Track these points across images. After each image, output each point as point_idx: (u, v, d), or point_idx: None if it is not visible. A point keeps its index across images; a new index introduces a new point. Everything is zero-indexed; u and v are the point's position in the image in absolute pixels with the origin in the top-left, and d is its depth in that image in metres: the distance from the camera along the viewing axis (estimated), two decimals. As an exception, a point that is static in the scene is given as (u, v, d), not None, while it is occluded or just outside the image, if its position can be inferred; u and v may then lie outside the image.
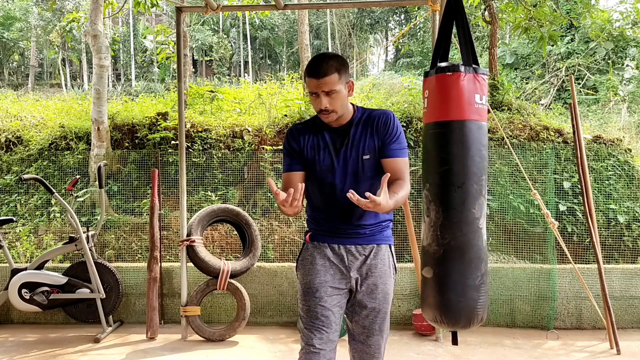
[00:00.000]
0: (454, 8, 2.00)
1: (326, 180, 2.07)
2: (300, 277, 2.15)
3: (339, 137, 2.09)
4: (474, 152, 1.88)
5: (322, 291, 2.06)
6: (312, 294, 2.07)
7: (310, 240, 2.15)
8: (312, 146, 2.10)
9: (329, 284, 2.07)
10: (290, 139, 2.14)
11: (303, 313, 2.09)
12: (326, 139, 2.09)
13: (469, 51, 1.93)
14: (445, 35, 2.04)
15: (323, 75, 1.97)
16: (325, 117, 2.03)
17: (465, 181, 1.88)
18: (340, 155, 2.06)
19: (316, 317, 2.05)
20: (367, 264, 2.07)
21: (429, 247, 1.97)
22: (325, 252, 2.09)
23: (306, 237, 2.17)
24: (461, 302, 1.91)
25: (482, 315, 1.94)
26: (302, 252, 2.17)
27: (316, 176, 2.09)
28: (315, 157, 2.09)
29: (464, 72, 1.87)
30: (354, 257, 2.07)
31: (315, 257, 2.10)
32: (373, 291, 2.07)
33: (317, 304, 2.05)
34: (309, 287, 2.08)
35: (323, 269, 2.08)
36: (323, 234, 2.11)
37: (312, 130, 2.13)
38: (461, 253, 1.90)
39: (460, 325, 1.94)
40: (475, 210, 1.90)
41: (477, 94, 1.88)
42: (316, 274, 2.08)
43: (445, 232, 1.90)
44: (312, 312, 2.05)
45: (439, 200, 1.92)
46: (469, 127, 1.87)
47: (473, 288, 1.91)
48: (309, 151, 2.09)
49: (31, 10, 26.35)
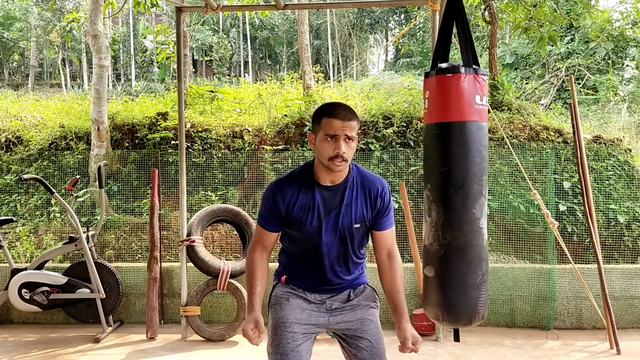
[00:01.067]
0: (454, 8, 2.00)
1: (311, 241, 1.98)
2: (272, 313, 2.02)
3: (330, 199, 1.97)
4: (474, 153, 1.89)
5: (297, 327, 1.97)
6: (284, 328, 1.95)
7: (286, 283, 2.06)
8: (300, 206, 1.96)
9: (304, 321, 1.98)
10: (276, 195, 1.97)
11: (272, 349, 1.96)
12: (316, 198, 1.96)
13: (469, 52, 1.93)
14: (445, 36, 2.04)
15: (349, 119, 1.88)
16: (339, 164, 1.88)
17: (466, 182, 1.89)
18: (330, 219, 1.96)
19: (286, 353, 1.93)
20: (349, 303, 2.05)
21: (430, 247, 1.98)
22: (298, 294, 2.03)
23: (282, 279, 2.07)
24: (462, 300, 1.92)
25: (483, 313, 1.96)
26: (275, 290, 2.08)
27: (301, 235, 1.99)
28: (302, 218, 1.96)
29: (464, 73, 1.87)
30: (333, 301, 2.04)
31: (291, 296, 2.03)
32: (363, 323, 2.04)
33: (289, 340, 1.94)
34: (282, 321, 1.97)
35: (299, 307, 2.00)
36: (298, 284, 2.04)
37: (302, 186, 1.97)
38: (462, 252, 1.91)
39: (462, 323, 1.95)
40: (475, 210, 1.90)
41: (478, 94, 1.89)
42: (291, 310, 1.99)
43: (447, 232, 1.91)
44: (282, 348, 1.93)
45: (440, 201, 1.92)
46: (470, 128, 1.88)
47: (474, 287, 1.92)
48: (297, 211, 1.95)
49: (31, 10, 26.35)
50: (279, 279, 2.09)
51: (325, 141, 1.88)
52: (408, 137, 5.44)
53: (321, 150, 1.91)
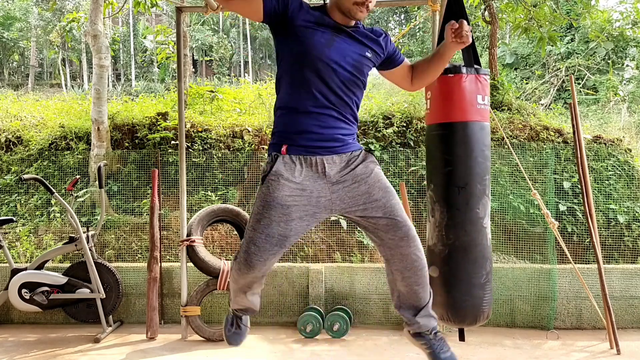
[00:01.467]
0: (454, 8, 2.00)
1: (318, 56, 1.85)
2: (266, 189, 1.87)
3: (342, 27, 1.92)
4: (477, 153, 1.89)
5: (294, 211, 1.85)
6: (279, 210, 1.83)
7: (287, 153, 1.90)
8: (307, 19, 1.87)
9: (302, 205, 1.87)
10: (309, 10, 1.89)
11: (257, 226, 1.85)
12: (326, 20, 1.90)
13: (470, 52, 1.93)
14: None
15: None
16: (362, 12, 1.85)
17: (469, 181, 1.89)
18: (341, 38, 1.89)
19: (272, 234, 1.83)
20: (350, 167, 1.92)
21: (434, 247, 1.98)
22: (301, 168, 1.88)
23: (282, 149, 1.90)
24: (467, 300, 1.92)
25: (488, 312, 1.96)
26: (275, 164, 1.89)
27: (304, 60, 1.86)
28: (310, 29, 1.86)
29: (465, 74, 1.88)
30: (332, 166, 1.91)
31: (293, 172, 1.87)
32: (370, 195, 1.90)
33: (284, 222, 1.83)
34: (280, 201, 1.84)
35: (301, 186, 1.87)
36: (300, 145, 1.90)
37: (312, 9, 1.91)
38: (466, 252, 1.91)
39: (467, 323, 1.96)
40: (479, 210, 1.91)
41: (479, 94, 1.89)
42: (291, 190, 1.85)
43: (450, 232, 1.92)
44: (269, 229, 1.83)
45: (444, 201, 1.93)
46: (472, 128, 1.88)
47: (478, 286, 1.92)
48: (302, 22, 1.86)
49: (31, 10, 26.34)
50: (279, 149, 1.92)
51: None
52: (408, 137, 5.44)
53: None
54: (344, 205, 1.91)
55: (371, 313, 4.34)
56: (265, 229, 1.84)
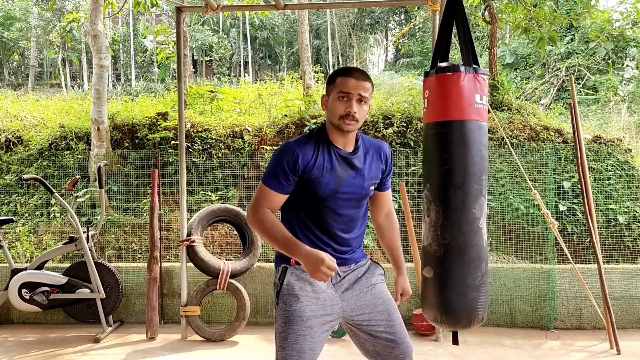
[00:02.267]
0: (454, 8, 2.00)
1: (325, 203, 1.93)
2: (285, 304, 1.91)
3: (347, 161, 1.96)
4: (474, 152, 1.88)
5: (314, 321, 1.89)
6: (301, 323, 1.87)
7: (297, 264, 1.92)
8: (319, 167, 1.90)
9: (320, 313, 1.91)
10: (297, 154, 1.89)
11: (286, 345, 1.87)
12: (334, 160, 1.93)
13: (469, 51, 1.93)
14: (445, 35, 2.04)
15: (364, 80, 1.91)
16: (349, 124, 1.88)
17: (466, 181, 1.88)
18: (347, 181, 1.94)
19: (302, 349, 1.86)
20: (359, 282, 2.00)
21: (429, 247, 1.97)
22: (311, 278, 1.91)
23: (291, 261, 1.94)
24: (462, 302, 1.90)
25: (483, 315, 1.94)
26: (286, 276, 1.94)
27: (314, 198, 1.93)
28: (319, 179, 1.90)
29: (464, 72, 1.87)
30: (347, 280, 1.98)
31: (305, 283, 1.92)
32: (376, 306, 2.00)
33: (307, 335, 1.87)
34: (299, 315, 1.88)
35: (315, 295, 1.91)
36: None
37: (320, 147, 1.94)
38: (461, 253, 1.89)
39: (461, 325, 1.93)
40: (475, 210, 1.89)
41: (478, 94, 1.88)
42: (307, 302, 1.90)
43: (446, 232, 1.90)
44: (299, 345, 1.86)
45: (439, 200, 1.91)
46: (469, 127, 1.87)
47: (473, 288, 1.90)
48: (315, 171, 1.90)
49: (31, 10, 26.35)
50: (288, 262, 1.95)
51: (338, 100, 1.90)
52: (408, 137, 5.44)
53: (333, 109, 1.91)
54: (352, 314, 1.99)
55: (371, 313, 4.33)
56: (294, 345, 1.88)
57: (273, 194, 1.91)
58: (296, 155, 1.89)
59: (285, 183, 1.90)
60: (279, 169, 1.90)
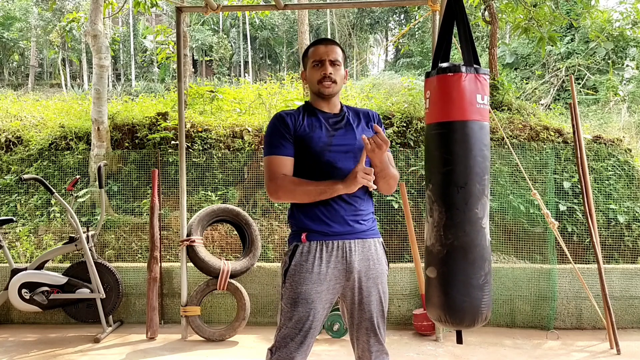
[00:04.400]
0: (454, 8, 2.00)
1: (322, 159, 1.97)
2: (292, 284, 1.96)
3: (334, 121, 2.05)
4: (476, 152, 1.88)
5: (317, 302, 1.95)
6: (306, 305, 1.93)
7: (307, 240, 1.97)
8: (307, 125, 2.01)
9: (324, 293, 1.96)
10: (285, 118, 2.01)
11: (291, 324, 1.94)
12: (321, 119, 2.04)
13: (469, 51, 1.93)
14: (445, 36, 2.04)
15: (332, 44, 2.05)
16: (327, 86, 2.01)
17: (468, 181, 1.88)
18: (337, 135, 2.01)
19: (305, 329, 1.94)
20: (366, 262, 2.01)
21: (432, 247, 1.97)
22: (321, 255, 1.95)
23: (302, 237, 1.97)
24: (465, 301, 1.90)
25: (487, 314, 1.94)
26: (295, 255, 1.98)
27: (311, 156, 1.98)
28: (310, 134, 1.99)
29: (465, 73, 1.87)
30: (353, 256, 1.98)
31: (313, 262, 1.95)
32: (370, 292, 2.01)
33: (311, 317, 1.94)
34: (305, 297, 1.93)
35: (319, 277, 1.95)
36: (318, 231, 1.96)
37: (306, 112, 2.06)
38: (464, 253, 1.90)
39: (465, 325, 1.94)
40: (478, 210, 1.89)
41: (479, 94, 1.88)
42: (313, 284, 1.94)
43: (449, 232, 1.90)
44: (302, 324, 1.93)
45: (442, 201, 1.91)
46: (471, 127, 1.87)
47: (477, 287, 1.91)
48: (304, 129, 1.99)
49: (31, 10, 26.36)
50: (299, 239, 1.99)
51: (313, 68, 2.03)
52: (408, 137, 5.44)
53: (311, 77, 2.05)
54: (350, 294, 2.02)
55: (371, 313, 4.33)
56: (298, 324, 1.94)
57: (280, 159, 1.98)
58: (286, 119, 2.01)
59: (286, 144, 1.98)
60: (274, 135, 2.00)
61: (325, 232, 1.97)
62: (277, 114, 2.05)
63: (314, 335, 1.99)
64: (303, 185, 1.94)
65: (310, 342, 1.98)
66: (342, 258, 1.98)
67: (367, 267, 2.01)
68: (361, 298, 2.01)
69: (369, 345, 2.06)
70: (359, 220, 2.02)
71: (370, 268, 2.02)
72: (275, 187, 1.95)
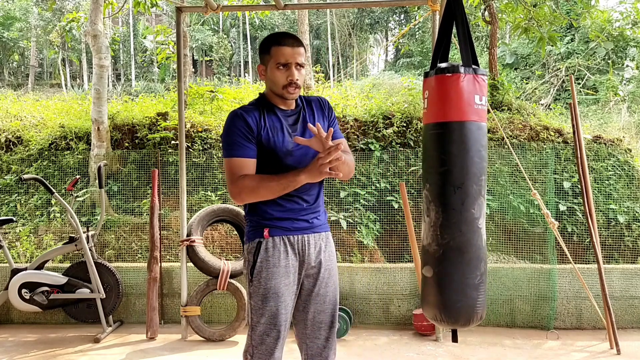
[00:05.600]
0: (453, 8, 2.00)
1: (284, 163, 1.94)
2: (260, 280, 1.96)
3: (293, 119, 2.01)
4: (473, 153, 1.88)
5: (287, 295, 1.97)
6: (277, 299, 1.94)
7: (270, 236, 1.96)
8: (269, 128, 1.94)
9: (290, 285, 1.98)
10: (246, 118, 1.92)
11: (264, 320, 1.95)
12: (282, 120, 1.98)
13: (468, 51, 1.93)
14: (445, 36, 2.04)
15: (298, 46, 1.95)
16: (293, 91, 1.94)
17: (465, 181, 1.88)
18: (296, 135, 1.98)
19: (279, 323, 1.95)
20: (322, 254, 2.05)
21: (428, 247, 1.98)
22: (286, 249, 1.97)
23: (265, 233, 1.96)
24: (461, 301, 1.92)
25: (482, 313, 1.95)
26: (259, 252, 1.96)
27: (274, 160, 1.94)
28: (274, 139, 1.93)
29: (463, 73, 1.87)
30: (311, 249, 2.02)
31: (279, 257, 1.96)
32: (327, 282, 2.06)
33: (282, 310, 1.95)
34: (275, 291, 1.94)
35: (285, 270, 1.96)
36: (280, 227, 1.97)
37: (264, 111, 1.97)
38: (461, 253, 1.90)
39: (460, 324, 1.95)
40: (474, 211, 1.90)
41: (477, 94, 1.88)
42: (280, 277, 1.95)
43: (445, 232, 1.91)
44: (276, 319, 1.95)
45: (439, 201, 1.92)
46: (469, 127, 1.88)
47: (472, 287, 1.92)
48: (266, 133, 1.93)
49: (31, 10, 26.37)
50: (261, 235, 1.97)
51: (277, 70, 1.94)
52: (408, 137, 5.44)
53: (273, 79, 1.95)
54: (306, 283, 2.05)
55: (371, 313, 4.34)
56: (272, 319, 1.97)
57: (242, 161, 1.91)
58: (245, 117, 1.93)
59: (248, 144, 1.92)
60: (235, 135, 1.92)
61: (287, 227, 1.98)
62: (235, 112, 1.97)
63: (287, 329, 2.01)
64: (265, 182, 1.89)
65: (284, 335, 2.00)
66: (301, 250, 2.00)
67: (324, 258, 2.06)
68: (318, 291, 2.04)
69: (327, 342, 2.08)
70: (317, 216, 2.06)
71: (327, 260, 2.07)
72: (237, 190, 1.91)
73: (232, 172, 1.91)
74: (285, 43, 1.94)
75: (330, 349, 2.09)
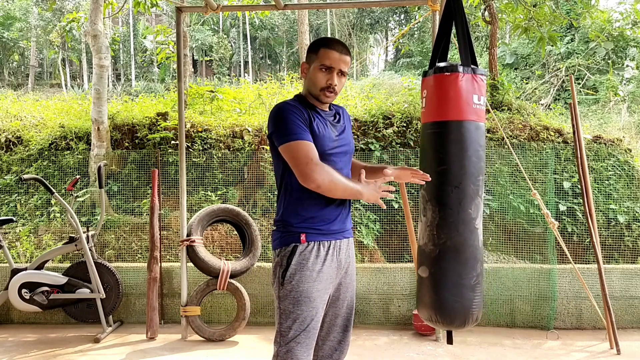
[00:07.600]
0: (453, 8, 2.00)
1: (327, 159, 1.91)
2: (294, 283, 1.91)
3: (332, 118, 2.03)
4: (471, 153, 1.88)
5: (319, 300, 1.92)
6: (309, 303, 1.90)
7: (307, 241, 1.93)
8: (315, 122, 1.93)
9: (324, 291, 1.95)
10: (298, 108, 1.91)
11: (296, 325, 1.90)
12: (322, 117, 1.98)
13: (467, 51, 1.93)
14: (444, 35, 2.04)
15: (346, 54, 1.95)
16: (329, 96, 1.94)
17: (462, 181, 1.88)
18: (339, 134, 2.00)
19: (310, 329, 1.91)
20: (350, 259, 2.06)
21: (425, 247, 1.97)
22: (319, 254, 1.93)
23: (302, 238, 1.92)
24: (457, 301, 1.91)
25: (477, 315, 1.94)
26: (295, 255, 1.92)
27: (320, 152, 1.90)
28: (323, 134, 1.91)
29: (462, 73, 1.87)
30: (342, 254, 2.01)
31: (314, 262, 1.92)
32: (348, 287, 2.06)
33: (314, 316, 1.91)
34: (307, 295, 1.90)
35: (319, 275, 1.92)
36: (318, 230, 1.94)
37: (307, 108, 1.96)
38: (457, 253, 1.90)
39: (455, 325, 1.94)
40: (471, 211, 1.90)
41: (475, 94, 1.88)
42: (314, 281, 1.91)
43: (442, 232, 1.90)
44: (306, 325, 1.90)
45: (436, 200, 1.92)
46: (467, 127, 1.87)
47: (468, 288, 1.91)
48: (318, 125, 1.92)
49: (31, 10, 26.36)
50: (298, 239, 1.92)
51: (320, 71, 1.94)
52: (408, 137, 5.44)
53: (314, 79, 1.95)
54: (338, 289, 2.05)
55: (371, 313, 4.34)
56: (302, 325, 1.92)
57: (310, 145, 1.85)
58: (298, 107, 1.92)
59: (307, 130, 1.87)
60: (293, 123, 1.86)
61: (324, 231, 1.95)
62: (285, 103, 1.94)
63: (317, 335, 1.99)
64: (343, 180, 1.85)
65: (314, 342, 1.97)
66: (335, 257, 1.98)
67: (349, 264, 2.06)
68: (338, 295, 2.04)
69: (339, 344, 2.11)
70: (349, 220, 2.07)
71: (350, 265, 2.06)
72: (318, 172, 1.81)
73: (306, 155, 1.82)
74: (334, 48, 1.95)
75: (342, 352, 2.09)
